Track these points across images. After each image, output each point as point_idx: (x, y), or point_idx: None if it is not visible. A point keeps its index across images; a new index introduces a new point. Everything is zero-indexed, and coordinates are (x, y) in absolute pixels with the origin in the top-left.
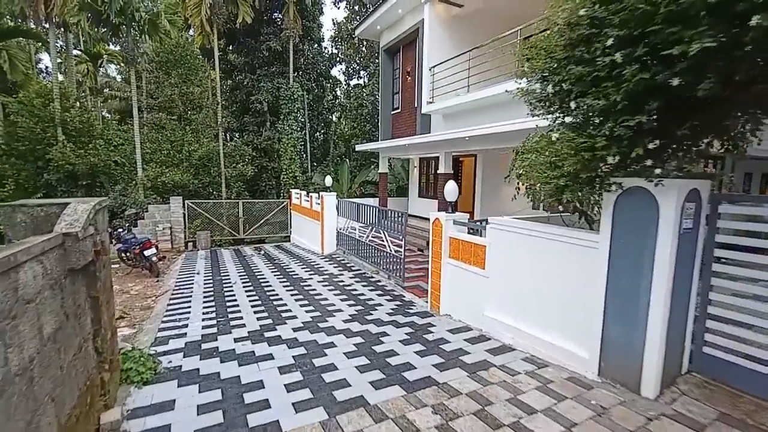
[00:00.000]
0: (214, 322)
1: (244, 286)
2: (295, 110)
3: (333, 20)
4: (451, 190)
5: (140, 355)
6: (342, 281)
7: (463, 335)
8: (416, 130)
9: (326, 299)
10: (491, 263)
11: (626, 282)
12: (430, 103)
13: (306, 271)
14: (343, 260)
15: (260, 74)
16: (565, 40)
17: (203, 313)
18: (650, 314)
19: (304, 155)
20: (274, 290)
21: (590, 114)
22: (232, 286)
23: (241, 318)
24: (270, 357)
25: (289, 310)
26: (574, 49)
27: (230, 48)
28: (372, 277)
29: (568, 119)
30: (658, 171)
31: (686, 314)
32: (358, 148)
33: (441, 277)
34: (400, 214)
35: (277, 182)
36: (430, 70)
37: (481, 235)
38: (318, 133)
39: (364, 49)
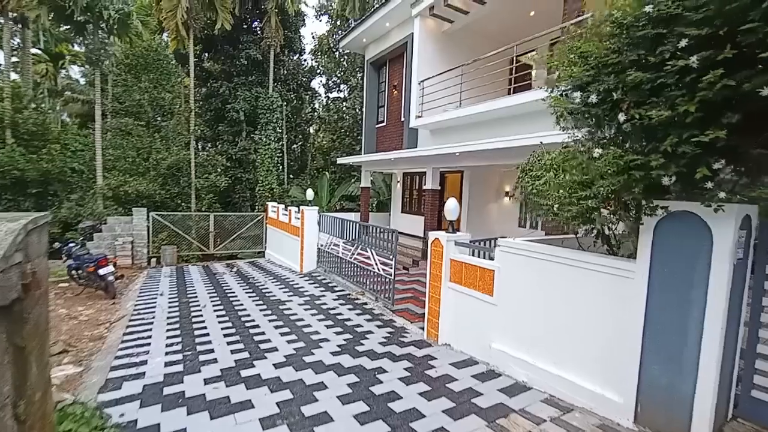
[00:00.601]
0: (179, 357)
1: (215, 310)
2: (274, 120)
3: (312, 34)
4: (452, 208)
5: (83, 410)
6: (325, 304)
7: (470, 370)
8: (403, 145)
9: (309, 326)
10: (501, 289)
11: (671, 317)
12: (419, 117)
13: (284, 292)
14: (324, 279)
15: (238, 82)
16: (618, 42)
17: (167, 345)
18: (702, 355)
19: (281, 167)
20: (249, 315)
21: (647, 127)
22: (201, 310)
23: (213, 351)
24: (249, 405)
25: (269, 340)
26: (633, 53)
27: (207, 55)
28: (357, 299)
29: (607, 133)
30: (722, 195)
31: (734, 354)
32: (340, 161)
33: (440, 302)
34: (389, 232)
35: (251, 194)
36: (419, 84)
37: (483, 257)
38: (295, 146)
39: (345, 63)
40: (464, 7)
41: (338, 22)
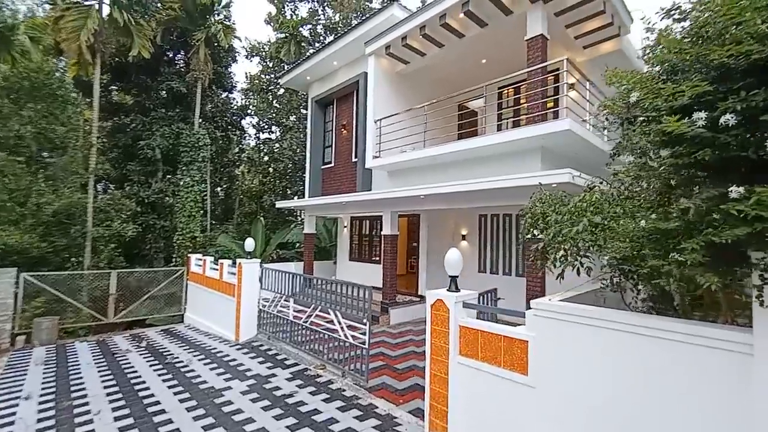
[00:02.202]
0: None
1: (116, 418)
2: (199, 159)
3: (246, 73)
4: (454, 260)
5: None
6: (278, 388)
7: None
8: (356, 187)
9: (265, 430)
10: (539, 366)
11: None
12: (376, 157)
13: (219, 374)
14: (269, 350)
15: (155, 117)
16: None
17: None
18: None
19: (203, 212)
20: (172, 421)
21: None
22: (92, 422)
23: None
24: None
25: None
26: None
27: (117, 84)
28: (318, 376)
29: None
30: None
31: None
32: (279, 204)
33: (448, 383)
34: (360, 288)
35: (166, 244)
36: (375, 123)
37: (490, 319)
38: (220, 189)
39: (277, 104)
40: (422, 48)
41: (271, 64)
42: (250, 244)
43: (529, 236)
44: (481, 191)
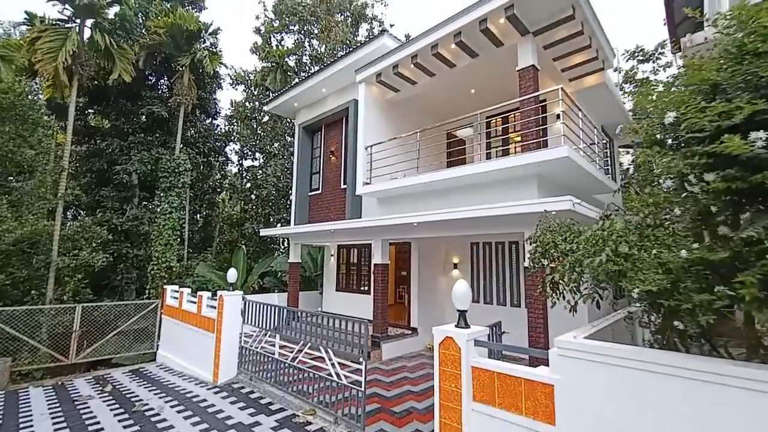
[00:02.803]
0: None
1: None
2: (179, 185)
3: (231, 101)
4: (462, 292)
5: None
6: None
7: None
8: (345, 214)
9: None
10: (569, 415)
11: None
12: (367, 184)
13: (196, 425)
14: (251, 392)
15: (133, 141)
16: None
17: None
18: None
19: (181, 240)
20: None
21: None
22: None
23: None
24: None
25: None
26: None
27: (95, 108)
28: (308, 424)
29: None
30: None
31: None
32: (264, 232)
33: None
34: (355, 323)
35: (139, 275)
36: (366, 149)
37: (494, 356)
38: (199, 216)
39: (260, 131)
40: (413, 77)
41: (256, 92)
42: (232, 274)
43: (536, 267)
44: (478, 218)
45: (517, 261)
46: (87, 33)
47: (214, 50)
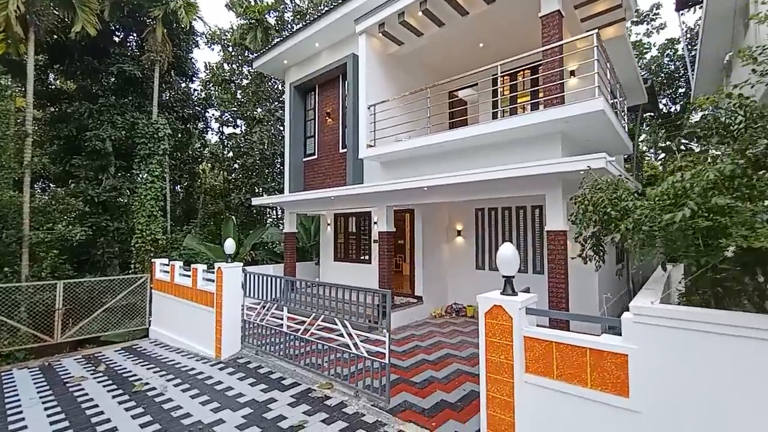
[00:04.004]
0: None
1: None
2: (159, 152)
3: (206, 63)
4: (509, 256)
5: None
6: (283, 417)
7: None
8: (346, 180)
9: None
10: (646, 387)
11: None
12: (371, 147)
13: (205, 404)
14: (260, 367)
15: (104, 104)
16: None
17: None
18: None
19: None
20: None
21: None
22: None
23: None
24: None
25: None
26: None
27: (57, 67)
28: (326, 398)
29: None
30: None
31: None
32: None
33: (513, 408)
34: (376, 293)
35: (122, 249)
36: (369, 109)
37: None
38: (180, 187)
39: (241, 96)
40: (420, 27)
41: (233, 52)
42: (230, 245)
43: (582, 228)
44: (499, 180)
45: (531, 225)
46: None
47: (189, 1)
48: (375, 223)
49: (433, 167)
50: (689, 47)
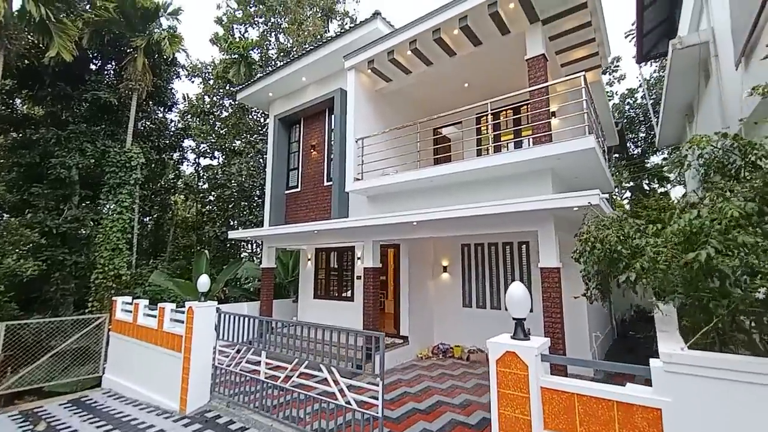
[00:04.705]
0: None
1: None
2: (131, 182)
3: (185, 95)
4: (519, 296)
5: None
6: None
7: None
8: (330, 213)
9: None
10: None
11: None
12: (358, 180)
13: None
14: (230, 422)
15: (74, 132)
16: None
17: None
18: None
19: (129, 245)
20: None
21: None
22: None
23: None
24: None
25: None
26: None
27: (25, 93)
28: None
29: None
30: None
31: None
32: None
33: None
34: (367, 336)
35: (79, 285)
36: (357, 142)
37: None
38: (149, 218)
39: (220, 128)
40: (408, 65)
41: (214, 85)
42: (204, 282)
43: (589, 266)
44: (491, 216)
45: (519, 261)
46: (17, 1)
47: (174, 33)
48: (359, 258)
49: (420, 202)
50: (649, 95)
